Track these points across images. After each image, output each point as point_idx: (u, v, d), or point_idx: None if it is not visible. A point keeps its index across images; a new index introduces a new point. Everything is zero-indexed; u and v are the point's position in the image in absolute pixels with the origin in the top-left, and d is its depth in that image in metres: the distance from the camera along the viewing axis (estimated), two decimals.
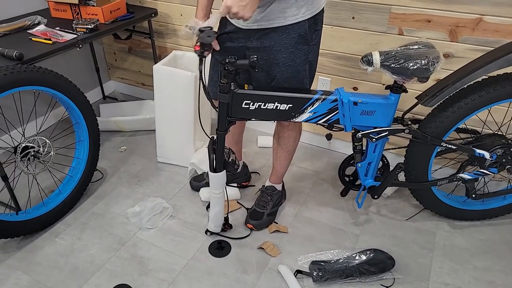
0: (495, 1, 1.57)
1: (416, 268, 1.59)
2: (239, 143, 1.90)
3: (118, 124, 2.38)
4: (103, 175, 2.07)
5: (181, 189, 1.99)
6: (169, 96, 1.93)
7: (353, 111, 1.45)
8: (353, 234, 1.75)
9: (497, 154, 1.58)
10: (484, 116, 1.78)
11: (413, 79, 1.39)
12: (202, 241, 1.70)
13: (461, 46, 1.71)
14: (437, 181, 1.66)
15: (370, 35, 1.85)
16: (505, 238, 1.73)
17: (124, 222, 1.79)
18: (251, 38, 1.37)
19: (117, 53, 2.72)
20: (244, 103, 1.41)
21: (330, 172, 2.12)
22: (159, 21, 2.39)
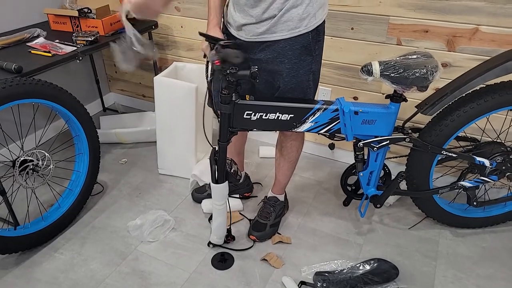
0: (491, 11, 1.60)
1: (420, 277, 1.59)
2: (241, 154, 1.90)
3: (118, 136, 2.38)
4: (103, 188, 2.06)
5: (182, 201, 1.98)
6: (170, 108, 1.94)
7: (354, 120, 1.46)
8: (357, 243, 1.74)
9: (497, 161, 1.59)
10: (483, 124, 1.80)
11: (413, 88, 1.40)
12: (205, 254, 1.69)
13: (458, 55, 1.74)
14: (438, 189, 1.67)
15: (369, 45, 1.88)
16: (507, 245, 1.73)
17: (125, 236, 1.77)
18: (255, 50, 1.39)
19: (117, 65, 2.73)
20: (246, 114, 1.42)
21: (333, 181, 2.12)
22: (160, 33, 2.41)
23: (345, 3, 1.83)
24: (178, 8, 2.27)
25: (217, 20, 1.41)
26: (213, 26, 1.41)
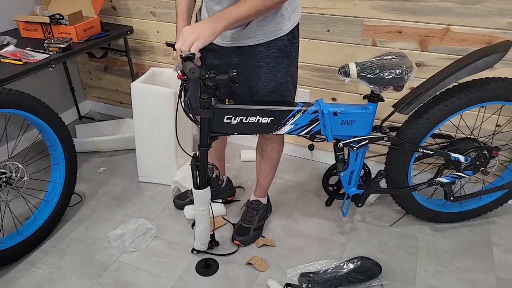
0: (461, 11, 1.65)
1: (402, 273, 1.62)
2: (222, 158, 1.89)
3: (96, 144, 2.33)
4: (81, 199, 2.01)
5: (164, 208, 1.96)
6: (149, 114, 1.91)
7: (333, 121, 1.48)
8: (340, 243, 1.76)
9: (471, 157, 1.64)
10: (457, 121, 1.85)
11: (389, 88, 1.43)
12: (189, 261, 1.67)
13: (431, 55, 1.78)
14: (416, 186, 1.71)
15: (345, 47, 1.91)
16: (483, 238, 1.79)
17: (105, 247, 1.73)
18: (232, 55, 1.38)
19: (93, 72, 2.68)
20: (226, 118, 1.41)
21: (314, 182, 2.14)
22: (135, 39, 2.37)
23: (320, 5, 1.86)
24: (153, 13, 2.25)
25: (183, 25, 1.39)
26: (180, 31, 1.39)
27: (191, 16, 1.43)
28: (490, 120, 1.82)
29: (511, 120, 1.79)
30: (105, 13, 2.35)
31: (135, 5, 2.27)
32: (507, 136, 1.83)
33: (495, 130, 1.83)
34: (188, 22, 1.41)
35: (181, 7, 1.39)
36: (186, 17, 1.40)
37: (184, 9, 1.39)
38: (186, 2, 1.39)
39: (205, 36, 1.18)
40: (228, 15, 1.19)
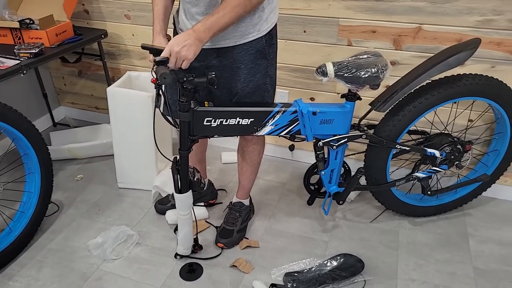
0: (431, 11, 1.70)
1: (384, 268, 1.65)
2: (202, 161, 1.88)
3: (72, 151, 2.27)
4: (58, 208, 1.96)
5: (145, 214, 1.93)
6: (126, 119, 1.88)
7: (312, 121, 1.49)
8: (323, 241, 1.78)
9: (446, 151, 1.69)
10: (432, 117, 1.90)
11: (366, 87, 1.46)
12: (172, 266, 1.65)
13: (405, 53, 1.83)
14: (395, 182, 1.75)
15: (322, 47, 1.93)
16: (459, 230, 1.84)
17: (85, 256, 1.69)
18: (210, 57, 1.38)
19: (66, 77, 2.61)
20: (206, 121, 1.41)
21: (295, 182, 2.15)
22: (110, 42, 2.33)
23: (296, 6, 1.87)
24: (128, 16, 2.21)
25: (159, 27, 1.38)
26: (157, 34, 1.38)
27: (168, 18, 1.42)
28: (463, 115, 1.88)
29: (482, 114, 1.85)
30: (77, 17, 2.30)
31: (109, 8, 2.23)
32: (479, 130, 1.89)
33: (467, 125, 1.90)
34: (165, 24, 1.40)
35: (158, 9, 1.38)
36: (162, 19, 1.38)
37: (161, 11, 1.38)
38: (162, 4, 1.38)
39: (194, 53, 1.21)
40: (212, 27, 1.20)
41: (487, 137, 1.90)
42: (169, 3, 1.40)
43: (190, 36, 1.19)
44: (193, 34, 1.20)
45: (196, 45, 1.20)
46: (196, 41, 1.20)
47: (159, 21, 1.38)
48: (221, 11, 1.19)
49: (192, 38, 1.19)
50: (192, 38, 1.19)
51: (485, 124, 1.88)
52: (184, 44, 1.18)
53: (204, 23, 1.20)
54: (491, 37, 1.68)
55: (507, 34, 1.66)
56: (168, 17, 1.42)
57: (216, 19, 1.19)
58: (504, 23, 1.64)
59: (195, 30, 1.20)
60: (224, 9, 1.19)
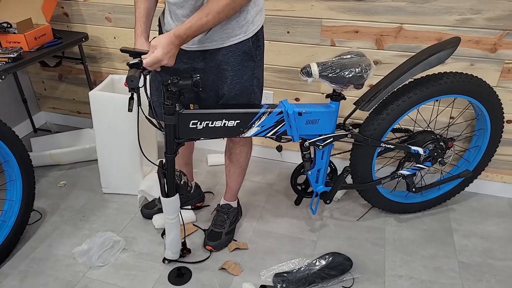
0: (412, 10, 1.73)
1: (372, 265, 1.66)
2: (189, 164, 1.87)
3: (54, 157, 2.22)
4: (41, 215, 1.91)
5: (132, 219, 1.90)
6: (110, 123, 1.85)
7: (298, 121, 1.50)
8: (311, 240, 1.79)
9: (429, 149, 1.72)
10: (415, 115, 1.93)
11: (350, 87, 1.47)
12: (161, 271, 1.63)
13: (387, 53, 1.86)
14: (380, 179, 1.77)
15: (306, 47, 1.94)
16: (444, 225, 1.88)
17: (71, 264, 1.66)
18: (196, 59, 1.37)
19: (46, 82, 2.56)
20: (191, 123, 1.40)
21: (282, 182, 2.16)
22: (91, 45, 2.29)
23: (279, 7, 1.88)
24: (109, 19, 2.18)
25: (141, 29, 1.37)
26: (138, 36, 1.37)
27: (151, 21, 1.41)
28: (444, 113, 1.92)
29: (463, 112, 1.90)
30: (57, 20, 2.25)
31: (89, 10, 2.19)
32: (460, 127, 1.94)
33: (449, 122, 1.94)
34: (146, 26, 1.39)
35: (140, 12, 1.37)
36: (144, 21, 1.37)
37: (143, 13, 1.37)
38: (144, 6, 1.36)
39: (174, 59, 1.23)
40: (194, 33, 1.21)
41: (468, 133, 1.94)
42: (152, 5, 1.39)
43: (174, 44, 1.19)
44: (176, 41, 1.20)
45: (176, 52, 1.22)
46: (178, 48, 1.22)
47: (140, 23, 1.37)
48: (204, 17, 1.18)
49: (175, 47, 1.20)
50: (175, 47, 1.20)
51: (466, 121, 1.92)
52: (168, 53, 1.19)
53: (188, 29, 1.19)
54: (470, 36, 1.72)
55: (485, 33, 1.70)
56: (151, 20, 1.41)
57: (199, 25, 1.19)
58: (482, 22, 1.68)
59: (178, 36, 1.19)
60: (207, 15, 1.18)
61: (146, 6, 1.36)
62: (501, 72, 1.76)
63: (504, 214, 1.94)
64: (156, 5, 1.41)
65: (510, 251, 1.73)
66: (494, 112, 1.71)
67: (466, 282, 1.59)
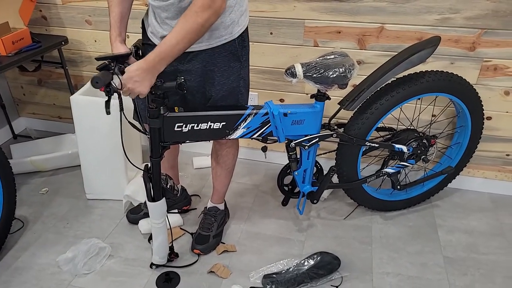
0: (392, 11, 1.76)
1: (359, 263, 1.68)
2: (175, 167, 1.85)
3: (35, 164, 2.17)
4: (23, 224, 1.86)
5: (117, 225, 1.87)
6: (92, 127, 1.82)
7: (284, 122, 1.50)
8: (299, 241, 1.79)
9: (413, 146, 1.75)
10: (398, 114, 1.96)
11: (334, 87, 1.48)
12: (148, 276, 1.61)
13: (369, 53, 1.88)
14: (366, 178, 1.78)
15: (289, 48, 1.95)
16: (429, 221, 1.91)
17: (55, 272, 1.62)
18: (182, 61, 1.36)
19: (25, 87, 2.49)
20: (177, 126, 1.38)
21: (269, 183, 2.16)
22: (71, 49, 2.25)
23: (262, 9, 1.88)
24: (89, 22, 2.14)
25: (116, 34, 1.37)
26: (113, 42, 1.37)
27: (126, 24, 1.40)
28: (427, 111, 1.95)
29: (444, 109, 1.93)
30: (35, 24, 2.20)
31: (68, 13, 2.15)
32: (442, 125, 1.97)
33: (431, 120, 1.97)
34: (121, 30, 1.38)
35: (114, 16, 1.36)
36: (119, 26, 1.37)
37: (117, 17, 1.36)
38: (118, 11, 1.35)
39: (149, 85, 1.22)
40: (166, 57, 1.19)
41: (449, 131, 1.98)
42: (126, 9, 1.38)
43: (143, 71, 1.18)
44: (147, 67, 1.18)
45: (149, 79, 1.21)
46: (149, 75, 1.20)
47: (115, 28, 1.36)
48: (174, 39, 1.17)
49: (145, 74, 1.19)
50: (146, 74, 1.19)
51: (448, 118, 1.96)
52: (137, 80, 1.18)
53: (158, 54, 1.18)
54: (450, 35, 1.75)
55: (464, 32, 1.74)
56: (125, 23, 1.40)
57: (170, 48, 1.18)
58: (461, 21, 1.72)
59: (149, 62, 1.18)
60: (177, 37, 1.16)
61: (119, 10, 1.35)
62: (480, 70, 1.80)
63: (486, 209, 1.99)
64: (130, 9, 1.40)
65: (492, 245, 1.77)
66: (474, 109, 1.75)
67: (451, 277, 1.62)
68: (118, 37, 1.36)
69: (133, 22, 1.83)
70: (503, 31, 1.70)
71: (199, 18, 1.14)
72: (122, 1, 1.35)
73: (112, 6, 1.36)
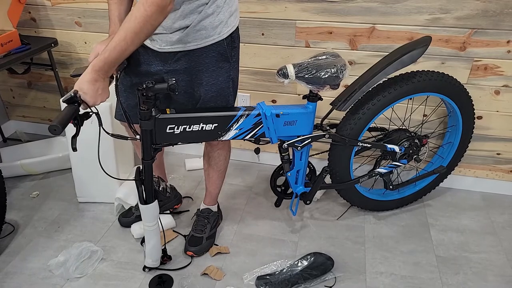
0: (383, 11, 1.76)
1: (353, 264, 1.68)
2: (161, 165, 1.84)
3: (25, 167, 2.14)
4: (14, 228, 1.84)
5: (109, 228, 1.85)
6: (83, 130, 1.78)
7: (276, 123, 1.50)
8: (292, 242, 1.79)
9: (405, 146, 1.75)
10: (389, 114, 1.97)
11: (326, 87, 1.49)
12: (141, 280, 1.59)
13: (361, 53, 1.88)
14: (359, 178, 1.79)
15: (281, 49, 1.95)
16: (421, 220, 1.92)
17: (47, 277, 1.60)
18: (169, 61, 1.35)
19: (15, 89, 2.47)
20: (168, 128, 1.37)
21: (262, 185, 2.15)
22: (61, 51, 2.23)
23: (253, 9, 1.88)
24: (79, 23, 2.12)
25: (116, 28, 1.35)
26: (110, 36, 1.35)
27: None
28: (418, 110, 1.96)
29: (436, 109, 1.95)
30: (24, 25, 2.18)
31: (57, 15, 2.13)
32: (433, 125, 1.99)
33: (423, 120, 1.98)
34: (113, 30, 1.36)
35: (113, 13, 1.35)
36: (117, 22, 1.35)
37: (116, 15, 1.35)
38: (116, 8, 1.34)
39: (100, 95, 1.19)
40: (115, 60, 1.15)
41: (441, 130, 1.99)
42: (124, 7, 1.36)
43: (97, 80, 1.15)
44: (99, 76, 1.15)
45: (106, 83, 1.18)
46: (105, 80, 1.18)
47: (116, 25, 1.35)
48: (123, 42, 1.11)
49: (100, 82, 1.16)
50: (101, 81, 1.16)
51: (439, 118, 1.97)
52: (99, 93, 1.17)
53: (107, 59, 1.13)
54: (440, 35, 1.77)
55: (454, 32, 1.75)
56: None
57: (120, 52, 1.12)
58: (451, 21, 1.73)
59: (99, 69, 1.15)
60: (126, 39, 1.11)
61: (117, 7, 1.35)
62: (470, 69, 1.82)
63: (477, 207, 2.00)
64: (131, 4, 1.38)
65: (484, 243, 1.79)
66: (465, 108, 1.76)
67: (444, 276, 1.63)
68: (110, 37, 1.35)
69: None
70: (493, 31, 1.71)
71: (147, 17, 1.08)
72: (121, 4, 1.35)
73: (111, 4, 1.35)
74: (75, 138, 1.20)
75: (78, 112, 1.17)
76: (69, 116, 1.12)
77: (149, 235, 1.51)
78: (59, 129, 1.07)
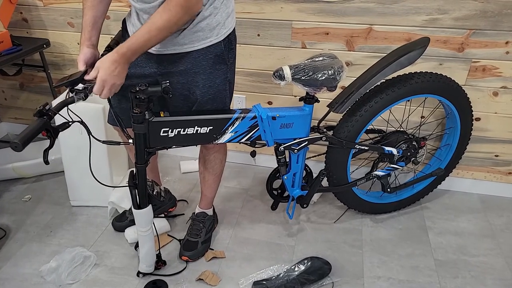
0: (380, 12, 1.74)
1: (350, 268, 1.66)
2: (154, 169, 1.81)
3: (17, 170, 2.11)
4: (5, 233, 1.80)
5: (103, 232, 1.82)
6: (76, 132, 1.76)
7: (272, 125, 1.47)
8: (289, 246, 1.76)
9: (402, 148, 1.73)
10: (387, 116, 1.95)
11: (323, 89, 1.46)
12: (135, 285, 1.56)
13: (358, 54, 1.86)
14: (356, 181, 1.77)
15: (277, 50, 1.92)
16: (419, 223, 1.90)
17: (39, 283, 1.57)
18: (164, 63, 1.32)
19: (7, 91, 2.43)
20: (162, 131, 1.35)
21: (258, 187, 2.13)
22: (53, 52, 2.19)
23: (249, 10, 1.85)
24: (71, 24, 2.09)
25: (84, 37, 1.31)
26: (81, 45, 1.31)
27: (98, 28, 1.34)
28: (416, 112, 1.95)
29: (434, 111, 1.93)
30: (15, 26, 2.14)
31: (50, 16, 2.09)
32: (431, 126, 1.97)
33: (421, 122, 1.96)
34: (91, 34, 1.32)
35: (86, 19, 1.31)
36: (89, 30, 1.32)
37: (89, 21, 1.31)
38: (91, 15, 1.30)
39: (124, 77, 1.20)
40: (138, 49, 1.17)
41: (439, 132, 1.98)
42: (100, 13, 1.32)
43: (118, 63, 1.16)
44: (120, 59, 1.16)
45: (124, 70, 1.19)
46: (125, 66, 1.18)
47: (85, 32, 1.32)
48: (146, 34, 1.15)
49: (120, 65, 1.16)
50: (120, 66, 1.16)
51: (437, 120, 1.95)
52: (113, 71, 1.15)
53: (130, 46, 1.16)
54: (438, 36, 1.75)
55: (452, 32, 1.73)
56: (99, 27, 1.35)
57: (141, 43, 1.16)
58: (449, 22, 1.71)
59: (122, 55, 1.16)
60: (150, 32, 1.15)
61: (93, 14, 1.31)
62: (468, 70, 1.80)
63: (475, 210, 1.99)
64: (105, 13, 1.35)
65: (482, 246, 1.77)
66: (463, 110, 1.75)
67: (442, 280, 1.61)
68: (86, 41, 1.31)
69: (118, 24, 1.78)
70: (491, 32, 1.70)
71: (172, 16, 1.13)
72: (97, 5, 1.30)
73: (86, 9, 1.31)
74: (47, 151, 1.16)
75: (48, 125, 1.13)
76: (34, 131, 1.07)
77: (143, 240, 1.48)
78: (19, 147, 1.02)
